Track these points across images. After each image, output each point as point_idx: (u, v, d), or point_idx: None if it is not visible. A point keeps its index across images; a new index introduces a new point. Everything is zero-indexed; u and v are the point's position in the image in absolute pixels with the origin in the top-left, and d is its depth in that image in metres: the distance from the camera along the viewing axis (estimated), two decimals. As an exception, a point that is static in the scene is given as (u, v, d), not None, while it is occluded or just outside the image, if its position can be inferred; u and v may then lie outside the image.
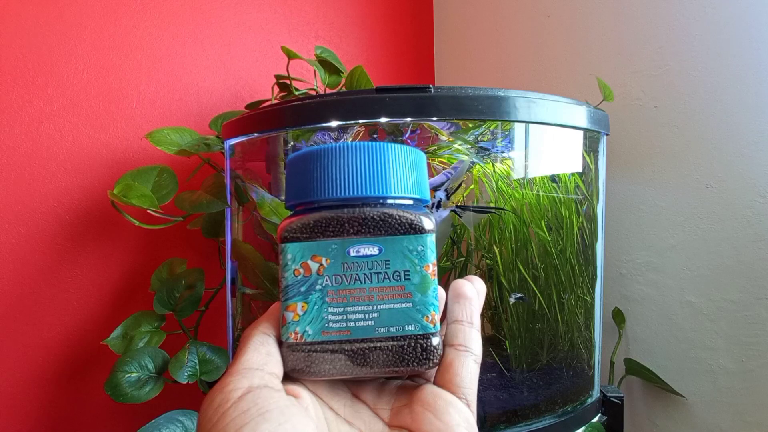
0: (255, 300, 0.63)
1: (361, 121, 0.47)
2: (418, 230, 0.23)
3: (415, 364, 0.22)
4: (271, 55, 0.80)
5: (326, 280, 0.22)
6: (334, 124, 0.46)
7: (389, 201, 0.23)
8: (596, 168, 0.59)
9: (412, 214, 0.23)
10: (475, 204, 0.60)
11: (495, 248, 0.60)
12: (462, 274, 0.65)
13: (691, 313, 0.66)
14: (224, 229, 0.62)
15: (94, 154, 0.65)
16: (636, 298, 0.71)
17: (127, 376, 0.53)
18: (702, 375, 0.65)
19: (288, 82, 0.66)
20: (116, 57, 0.66)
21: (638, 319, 0.71)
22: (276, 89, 0.68)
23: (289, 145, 0.59)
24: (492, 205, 0.60)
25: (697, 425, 0.65)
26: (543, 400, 0.53)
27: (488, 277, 0.65)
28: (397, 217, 0.22)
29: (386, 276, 0.22)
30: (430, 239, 0.23)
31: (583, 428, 0.54)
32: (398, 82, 0.97)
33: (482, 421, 0.51)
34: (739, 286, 0.62)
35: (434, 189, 0.58)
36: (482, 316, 0.69)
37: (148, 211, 0.56)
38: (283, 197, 0.58)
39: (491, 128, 0.52)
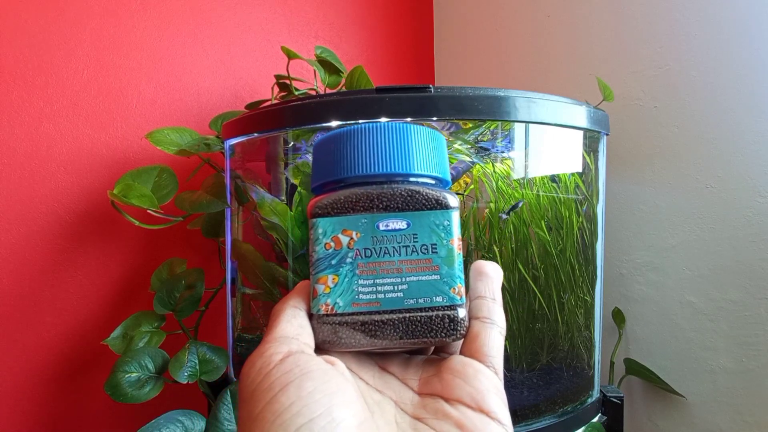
0: (255, 300, 0.63)
1: (361, 121, 0.47)
2: (444, 206, 0.23)
3: (443, 334, 0.23)
4: (271, 55, 0.80)
5: (356, 253, 0.23)
6: (334, 124, 0.46)
7: (412, 179, 0.24)
8: (596, 168, 0.59)
9: (437, 192, 0.24)
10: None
11: (495, 248, 0.60)
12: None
13: (691, 313, 0.66)
14: (224, 229, 0.62)
15: (94, 154, 0.65)
16: (636, 298, 0.71)
17: (127, 376, 0.53)
18: (702, 375, 0.65)
19: (288, 82, 0.66)
20: (116, 57, 0.66)
21: (638, 319, 0.71)
22: (276, 89, 0.68)
23: (289, 145, 0.59)
24: (491, 205, 0.60)
25: (697, 425, 0.65)
26: (543, 400, 0.53)
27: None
28: (424, 194, 0.23)
29: (414, 249, 0.23)
30: (456, 215, 0.24)
31: (583, 428, 0.54)
32: (398, 82, 0.97)
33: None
34: (739, 286, 0.62)
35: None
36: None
37: (148, 211, 0.56)
38: (283, 197, 0.58)
39: (491, 128, 0.52)
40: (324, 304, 0.23)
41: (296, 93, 0.66)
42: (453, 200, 0.24)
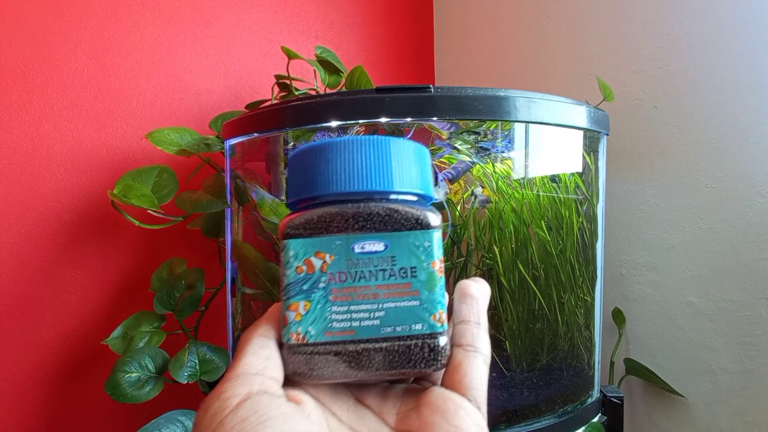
0: (255, 300, 0.63)
1: (361, 121, 0.47)
2: (424, 226, 0.22)
3: (423, 365, 0.22)
4: (271, 55, 0.80)
5: (330, 278, 0.22)
6: (334, 124, 0.46)
7: (393, 197, 0.23)
8: (596, 168, 0.59)
9: (418, 210, 0.22)
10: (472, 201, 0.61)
11: (495, 248, 0.60)
12: (462, 274, 0.65)
13: (691, 313, 0.66)
14: (224, 229, 0.62)
15: (94, 154, 0.65)
16: (636, 298, 0.71)
17: (127, 376, 0.53)
18: (702, 375, 0.65)
19: (288, 82, 0.66)
20: (116, 57, 0.66)
21: (638, 319, 0.71)
22: (276, 89, 0.68)
23: (289, 145, 0.59)
24: (492, 206, 0.60)
25: (697, 425, 0.65)
26: (543, 400, 0.53)
27: (488, 277, 0.65)
28: (403, 213, 0.22)
29: (392, 273, 0.22)
30: (437, 235, 0.22)
31: (583, 428, 0.54)
32: (398, 82, 0.97)
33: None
34: (739, 286, 0.62)
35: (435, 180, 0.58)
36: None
37: (148, 211, 0.56)
38: (283, 197, 0.58)
39: (491, 128, 0.52)
40: (294, 333, 0.21)
41: (296, 93, 0.66)
42: (435, 219, 0.22)
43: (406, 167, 0.23)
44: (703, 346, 0.65)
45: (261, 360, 0.21)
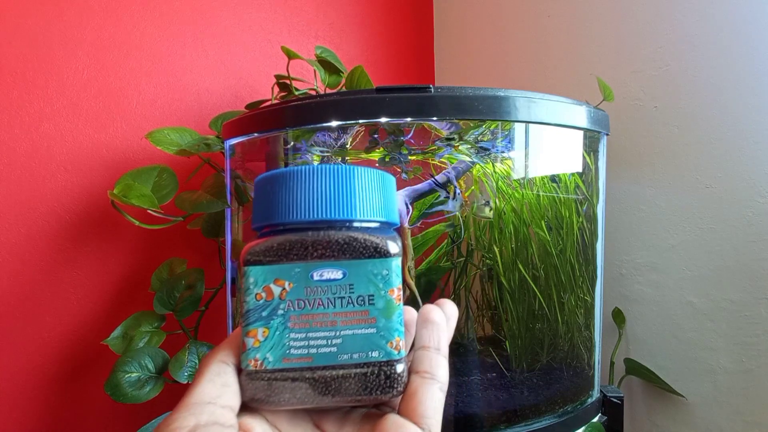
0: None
1: (361, 121, 0.47)
2: (383, 254, 0.22)
3: (379, 392, 0.22)
4: (271, 55, 0.80)
5: (288, 305, 0.22)
6: (334, 124, 0.46)
7: (355, 224, 0.23)
8: (596, 168, 0.59)
9: (377, 238, 0.22)
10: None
11: (495, 248, 0.60)
12: (462, 274, 0.65)
13: (691, 313, 0.66)
14: (224, 229, 0.62)
15: (94, 154, 0.65)
16: (636, 298, 0.71)
17: (127, 376, 0.53)
18: (702, 375, 0.65)
19: (288, 82, 0.66)
20: (116, 57, 0.66)
21: (638, 319, 0.71)
22: (276, 89, 0.68)
23: (289, 145, 0.59)
24: (492, 204, 0.60)
25: (697, 425, 0.65)
26: (543, 400, 0.53)
27: (488, 277, 0.65)
28: (362, 241, 0.22)
29: (350, 301, 0.22)
30: (396, 263, 0.22)
31: (583, 428, 0.54)
32: (398, 82, 0.97)
33: (482, 421, 0.51)
34: (739, 286, 0.62)
35: (438, 186, 0.58)
36: (482, 316, 0.69)
37: (148, 211, 0.56)
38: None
39: (491, 128, 0.52)
40: (253, 359, 0.22)
41: (296, 93, 0.66)
42: (394, 247, 0.22)
43: (368, 195, 0.23)
44: (703, 346, 0.65)
45: (216, 387, 0.21)
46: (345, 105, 0.44)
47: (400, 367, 0.22)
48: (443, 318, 0.24)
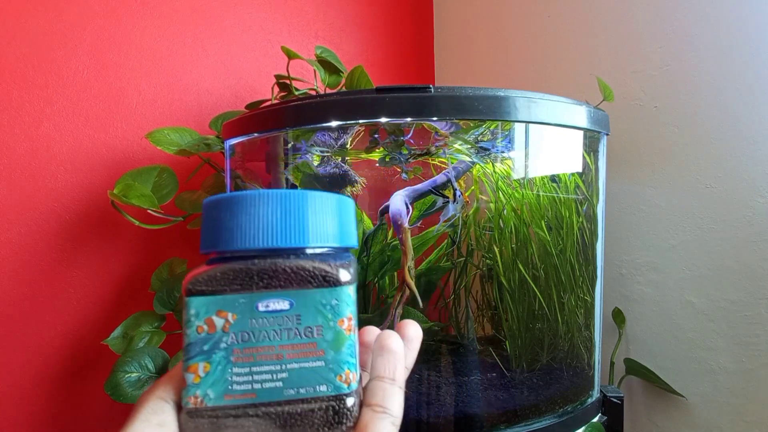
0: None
1: (361, 121, 0.47)
2: (332, 283, 0.21)
3: (327, 428, 0.21)
4: (271, 55, 0.80)
5: (232, 338, 0.21)
6: (334, 124, 0.46)
7: (307, 251, 0.22)
8: (596, 168, 0.59)
9: (327, 266, 0.21)
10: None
11: (495, 248, 0.60)
12: (462, 274, 0.65)
13: (691, 313, 0.66)
14: (224, 229, 0.62)
15: (94, 154, 0.65)
16: (636, 298, 0.71)
17: (127, 376, 0.53)
18: (702, 375, 0.65)
19: (288, 82, 0.66)
20: (116, 57, 0.66)
21: (638, 319, 0.71)
22: (276, 89, 0.68)
23: (289, 145, 0.59)
24: (492, 206, 0.60)
25: (697, 425, 0.65)
26: (543, 400, 0.53)
27: (488, 277, 0.65)
28: (310, 269, 0.21)
29: (297, 332, 0.21)
30: (346, 292, 0.21)
31: (583, 428, 0.54)
32: (398, 82, 0.97)
33: (482, 421, 0.51)
34: (739, 286, 0.62)
35: (436, 189, 0.58)
36: (482, 316, 0.69)
37: (148, 211, 0.56)
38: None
39: (491, 128, 0.52)
40: (193, 396, 0.20)
41: (296, 93, 0.66)
42: (345, 274, 0.21)
43: (319, 221, 0.22)
44: (703, 346, 0.65)
45: (151, 428, 0.20)
46: (345, 105, 0.45)
47: (349, 402, 0.21)
48: (401, 346, 0.23)
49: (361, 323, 0.24)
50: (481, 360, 0.60)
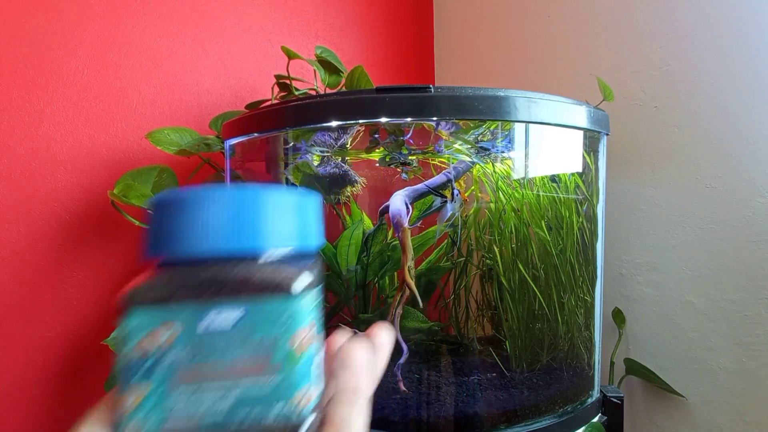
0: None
1: (361, 121, 0.47)
2: (287, 289, 0.18)
3: None
4: (271, 55, 0.80)
5: (175, 355, 0.18)
6: (334, 124, 0.46)
7: (261, 256, 0.19)
8: (596, 168, 0.59)
9: (283, 271, 0.19)
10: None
11: (495, 248, 0.60)
12: (462, 274, 0.65)
13: (691, 313, 0.66)
14: (224, 229, 0.62)
15: (94, 154, 0.65)
16: (636, 298, 0.71)
17: (127, 376, 0.53)
18: (702, 375, 0.65)
19: (288, 82, 0.66)
20: (116, 57, 0.66)
21: (638, 319, 0.71)
22: (276, 89, 0.68)
23: (289, 145, 0.59)
24: (492, 206, 0.60)
25: (697, 425, 0.65)
26: (543, 400, 0.53)
27: (488, 277, 0.65)
28: (265, 275, 0.19)
29: (248, 347, 0.18)
30: (305, 299, 0.19)
31: (583, 428, 0.54)
32: (398, 82, 0.97)
33: (482, 421, 0.51)
34: (739, 286, 0.62)
35: (436, 189, 0.58)
36: (482, 316, 0.69)
37: (149, 211, 0.56)
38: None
39: (491, 128, 0.52)
40: (129, 426, 0.18)
41: (296, 93, 0.66)
42: (302, 281, 0.19)
43: (276, 222, 0.20)
44: (703, 346, 0.65)
45: None
46: (345, 105, 0.45)
47: (306, 424, 0.19)
48: (364, 359, 0.22)
49: (362, 323, 0.23)
50: (481, 360, 0.60)
